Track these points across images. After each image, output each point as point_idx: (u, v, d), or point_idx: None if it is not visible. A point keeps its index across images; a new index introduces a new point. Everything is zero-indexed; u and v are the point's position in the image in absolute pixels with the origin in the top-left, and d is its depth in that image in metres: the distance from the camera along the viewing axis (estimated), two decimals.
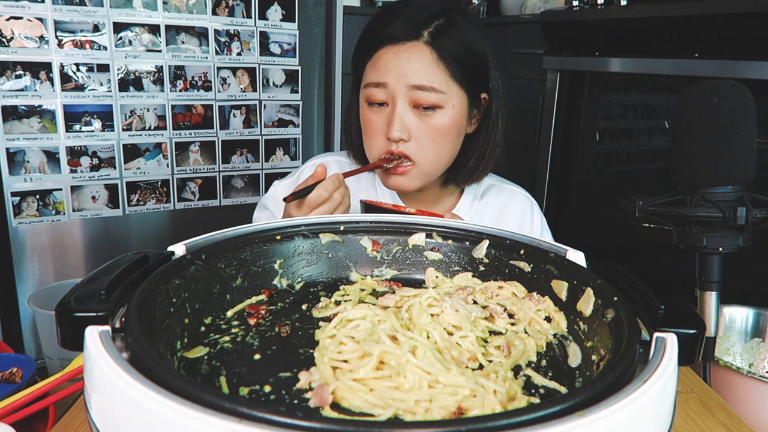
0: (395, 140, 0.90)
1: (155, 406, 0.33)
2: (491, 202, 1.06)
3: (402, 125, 0.89)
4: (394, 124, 0.89)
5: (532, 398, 0.45)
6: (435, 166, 0.94)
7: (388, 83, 0.90)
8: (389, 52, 0.91)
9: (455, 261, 0.69)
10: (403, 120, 0.89)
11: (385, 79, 0.90)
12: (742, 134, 0.80)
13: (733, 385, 0.88)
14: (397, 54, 0.90)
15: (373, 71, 0.92)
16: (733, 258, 0.85)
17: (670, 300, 0.47)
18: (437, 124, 0.90)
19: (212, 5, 1.77)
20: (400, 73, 0.89)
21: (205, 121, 1.84)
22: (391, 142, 0.91)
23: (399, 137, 0.89)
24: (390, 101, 0.91)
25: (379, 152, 0.93)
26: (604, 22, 1.77)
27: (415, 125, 0.90)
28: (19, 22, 1.52)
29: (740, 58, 1.38)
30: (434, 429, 0.32)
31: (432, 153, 0.92)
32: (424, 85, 0.89)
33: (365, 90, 0.93)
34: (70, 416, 0.60)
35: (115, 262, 0.51)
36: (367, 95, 0.92)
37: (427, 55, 0.89)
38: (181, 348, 0.50)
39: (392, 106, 0.90)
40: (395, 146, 0.91)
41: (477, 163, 0.99)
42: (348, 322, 0.52)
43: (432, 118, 0.90)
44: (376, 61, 0.92)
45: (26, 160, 1.59)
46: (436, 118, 0.90)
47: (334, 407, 0.42)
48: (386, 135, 0.91)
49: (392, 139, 0.90)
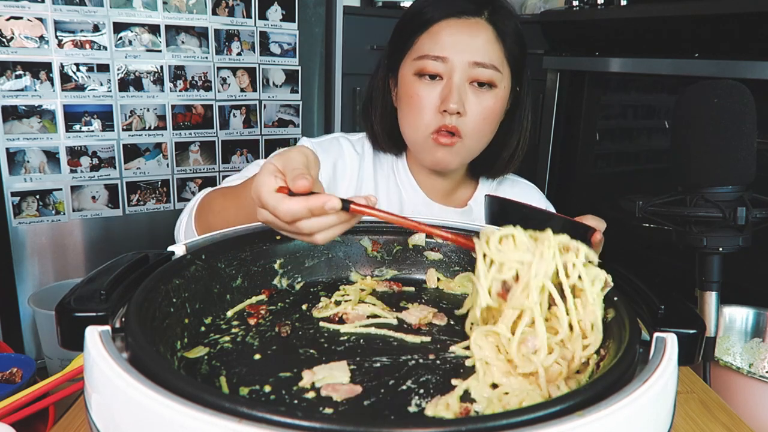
0: (452, 112, 0.88)
1: (155, 406, 0.33)
2: (507, 194, 1.06)
3: (459, 98, 0.88)
4: (453, 96, 0.87)
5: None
6: (477, 145, 0.94)
7: (448, 57, 0.88)
8: (451, 26, 0.90)
9: (455, 261, 0.69)
10: (460, 93, 0.88)
11: (447, 53, 0.88)
12: (742, 134, 0.80)
13: (733, 385, 0.88)
14: (459, 29, 0.89)
15: (432, 43, 0.90)
16: (733, 258, 0.84)
17: (670, 300, 0.47)
18: (490, 103, 0.90)
19: (212, 5, 1.77)
20: (462, 48, 0.88)
21: (205, 121, 1.84)
22: (443, 117, 0.89)
23: (456, 109, 0.87)
24: (446, 75, 0.89)
25: (428, 127, 0.91)
26: (604, 22, 1.77)
27: (470, 100, 0.89)
28: (19, 22, 1.52)
29: (740, 58, 1.37)
30: (434, 429, 0.32)
31: (480, 131, 0.91)
32: (485, 62, 0.88)
33: (418, 62, 0.90)
34: (70, 416, 0.60)
35: (115, 262, 0.51)
36: (420, 67, 0.90)
37: (489, 32, 0.90)
38: (181, 348, 0.50)
39: (448, 79, 0.89)
40: (449, 119, 0.89)
41: (513, 154, 0.99)
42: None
43: (486, 95, 0.90)
44: (436, 33, 0.90)
45: (26, 160, 1.59)
46: (490, 97, 0.90)
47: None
48: (439, 109, 0.89)
49: (450, 111, 0.88)
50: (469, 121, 0.89)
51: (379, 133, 1.01)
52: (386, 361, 0.50)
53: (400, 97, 0.95)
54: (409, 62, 0.93)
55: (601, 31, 1.81)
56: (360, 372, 0.48)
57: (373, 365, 0.50)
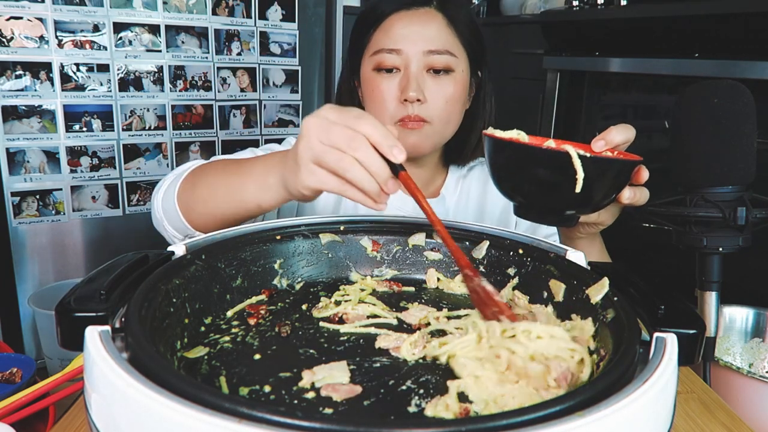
0: (412, 101, 0.89)
1: (155, 406, 0.33)
2: (476, 181, 1.07)
3: (418, 86, 0.89)
4: (411, 85, 0.89)
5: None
6: (446, 128, 0.95)
7: (402, 49, 0.90)
8: (402, 18, 0.91)
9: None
10: (418, 81, 0.90)
11: (400, 45, 0.90)
12: (742, 134, 0.80)
13: (733, 385, 0.88)
14: (411, 20, 0.91)
15: (386, 38, 0.91)
16: (733, 258, 0.84)
17: (670, 300, 0.47)
18: (449, 87, 0.91)
19: (212, 5, 1.77)
20: (415, 39, 0.90)
21: (205, 121, 1.84)
22: (405, 107, 0.90)
23: (416, 97, 0.89)
24: (402, 67, 0.91)
25: (393, 118, 0.92)
26: (604, 22, 1.77)
27: (428, 87, 0.91)
28: (19, 22, 1.52)
29: (740, 58, 1.37)
30: (434, 429, 0.32)
31: (445, 115, 0.92)
32: (438, 49, 0.90)
33: (375, 57, 0.92)
34: (70, 416, 0.60)
35: (115, 262, 0.51)
36: (378, 62, 0.92)
37: (439, 19, 0.91)
38: (181, 348, 0.50)
39: (405, 70, 0.90)
40: (411, 108, 0.90)
41: (480, 138, 1.00)
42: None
43: (444, 80, 0.91)
44: (389, 27, 0.92)
45: (26, 160, 1.59)
46: (448, 81, 0.91)
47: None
48: (400, 99, 0.90)
49: (410, 100, 0.89)
50: (431, 107, 0.91)
51: None
52: (386, 361, 0.50)
53: (364, 95, 0.97)
54: (367, 59, 0.94)
55: (601, 31, 1.81)
56: (360, 372, 0.48)
57: (373, 365, 0.50)
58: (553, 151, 0.56)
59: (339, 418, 0.34)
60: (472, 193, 1.07)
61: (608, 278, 0.53)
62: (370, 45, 0.94)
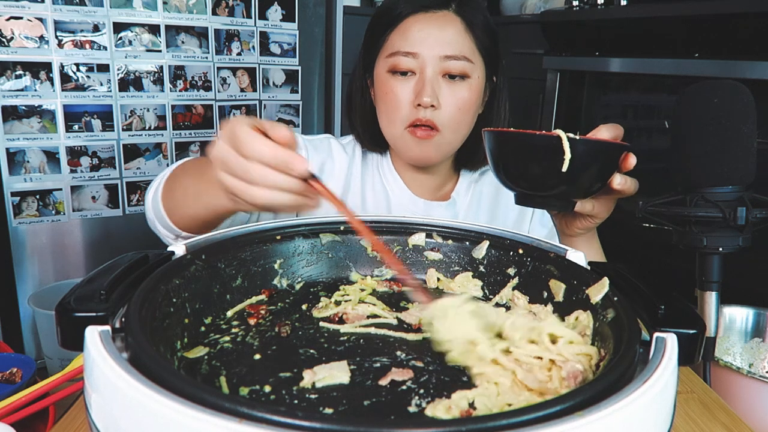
0: (426, 106, 0.88)
1: (155, 406, 0.33)
2: (488, 186, 1.07)
3: (433, 92, 0.88)
4: (426, 90, 0.88)
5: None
6: (456, 137, 0.94)
7: (419, 53, 0.89)
8: (419, 21, 0.90)
9: (455, 261, 0.69)
10: (433, 86, 0.89)
11: (417, 48, 0.89)
12: (742, 134, 0.80)
13: (733, 385, 0.88)
14: (428, 23, 0.90)
15: (402, 40, 0.90)
16: (733, 258, 0.84)
17: (670, 300, 0.47)
18: (464, 94, 0.90)
19: (212, 5, 1.77)
20: (432, 42, 0.89)
21: (205, 121, 1.84)
22: (418, 111, 0.89)
23: (430, 103, 0.88)
24: (418, 70, 0.90)
25: (404, 122, 0.91)
26: (604, 22, 1.77)
27: (443, 92, 0.90)
28: (19, 22, 1.52)
29: (740, 58, 1.37)
30: (434, 429, 0.32)
31: (457, 122, 0.91)
32: (455, 54, 0.89)
33: (390, 59, 0.91)
34: (70, 416, 0.60)
35: (115, 262, 0.51)
36: (393, 64, 0.90)
37: (457, 24, 0.90)
38: (181, 348, 0.50)
39: (421, 74, 0.89)
40: (423, 113, 0.89)
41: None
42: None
43: (460, 87, 0.90)
44: (405, 30, 0.91)
45: (26, 160, 1.59)
46: (464, 88, 0.90)
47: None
48: (413, 103, 0.89)
49: (424, 105, 0.88)
50: (444, 114, 0.90)
51: (361, 132, 1.02)
52: (386, 361, 0.50)
53: (377, 96, 0.96)
54: (382, 60, 0.93)
55: (601, 31, 1.81)
56: (360, 372, 0.48)
57: (373, 365, 0.50)
58: (545, 135, 0.60)
59: (339, 418, 0.34)
60: (483, 197, 1.06)
61: (608, 278, 0.53)
62: (385, 46, 0.93)
